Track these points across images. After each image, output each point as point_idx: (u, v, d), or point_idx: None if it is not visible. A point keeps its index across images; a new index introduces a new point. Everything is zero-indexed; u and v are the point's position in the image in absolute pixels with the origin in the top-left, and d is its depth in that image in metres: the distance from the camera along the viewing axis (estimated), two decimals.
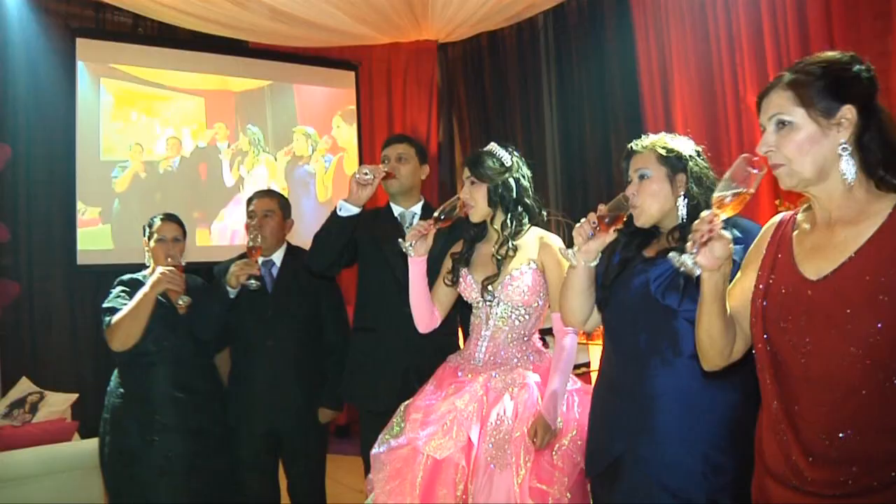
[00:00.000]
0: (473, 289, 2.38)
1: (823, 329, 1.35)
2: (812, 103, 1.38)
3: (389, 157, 2.90)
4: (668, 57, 4.73)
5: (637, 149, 1.95)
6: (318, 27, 5.39)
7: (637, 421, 1.83)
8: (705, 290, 1.47)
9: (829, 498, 1.33)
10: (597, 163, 5.21)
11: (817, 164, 1.38)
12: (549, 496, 2.06)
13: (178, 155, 5.41)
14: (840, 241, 1.38)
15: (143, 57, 5.34)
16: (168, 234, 2.91)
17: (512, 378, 2.26)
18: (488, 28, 5.89)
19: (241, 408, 2.96)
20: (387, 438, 2.33)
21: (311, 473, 3.07)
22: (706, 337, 1.52)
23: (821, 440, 1.34)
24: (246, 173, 5.68)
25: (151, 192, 5.28)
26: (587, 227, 1.83)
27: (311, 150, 5.99)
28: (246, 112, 5.73)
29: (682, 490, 1.77)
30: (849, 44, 3.79)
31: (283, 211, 3.09)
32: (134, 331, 2.72)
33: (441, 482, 2.14)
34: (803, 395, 1.38)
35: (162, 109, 5.39)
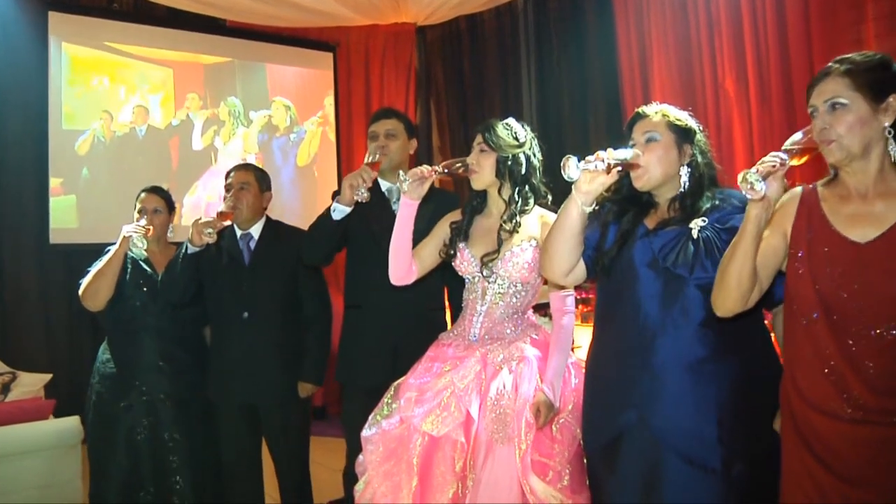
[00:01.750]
0: (471, 263, 2.33)
1: (881, 284, 1.58)
2: (866, 89, 1.61)
3: (378, 133, 2.88)
4: (648, 42, 4.78)
5: (647, 112, 1.95)
6: (297, 7, 5.34)
7: (648, 390, 1.84)
8: (749, 227, 1.62)
9: (882, 426, 1.56)
10: (575, 147, 5.19)
11: (864, 141, 1.61)
12: (550, 469, 2.06)
13: (146, 123, 5.32)
14: (879, 213, 1.63)
15: (118, 33, 5.25)
16: (148, 206, 2.95)
17: (510, 352, 2.22)
18: (467, 11, 5.89)
19: (218, 380, 2.95)
20: (378, 419, 2.29)
21: (294, 450, 3.04)
22: (735, 276, 1.66)
23: (880, 375, 1.57)
24: (222, 145, 5.61)
25: (118, 163, 5.19)
26: (596, 160, 1.78)
27: (289, 122, 5.94)
28: (215, 84, 5.65)
29: (697, 456, 1.79)
30: (825, 32, 3.88)
31: (259, 183, 3.05)
32: (102, 288, 2.83)
33: (439, 460, 2.11)
34: (861, 338, 1.60)
35: (127, 76, 5.28)
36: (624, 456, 1.89)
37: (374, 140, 2.88)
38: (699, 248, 1.81)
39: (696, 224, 1.84)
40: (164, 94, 5.42)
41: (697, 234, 1.83)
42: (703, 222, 1.84)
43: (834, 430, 1.62)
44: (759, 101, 4.18)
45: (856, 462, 1.59)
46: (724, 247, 1.78)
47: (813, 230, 1.69)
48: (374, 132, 2.90)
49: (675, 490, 1.80)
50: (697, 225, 1.84)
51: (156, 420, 2.88)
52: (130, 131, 5.27)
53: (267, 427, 3.02)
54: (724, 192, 1.93)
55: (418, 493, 2.10)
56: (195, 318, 3.04)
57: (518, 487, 2.04)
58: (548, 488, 2.03)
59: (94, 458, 2.94)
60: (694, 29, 4.52)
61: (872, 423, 1.57)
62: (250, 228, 3.04)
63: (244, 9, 5.37)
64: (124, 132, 5.25)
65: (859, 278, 1.60)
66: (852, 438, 1.59)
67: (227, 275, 2.96)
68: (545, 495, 2.02)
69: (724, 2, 4.33)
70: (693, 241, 1.83)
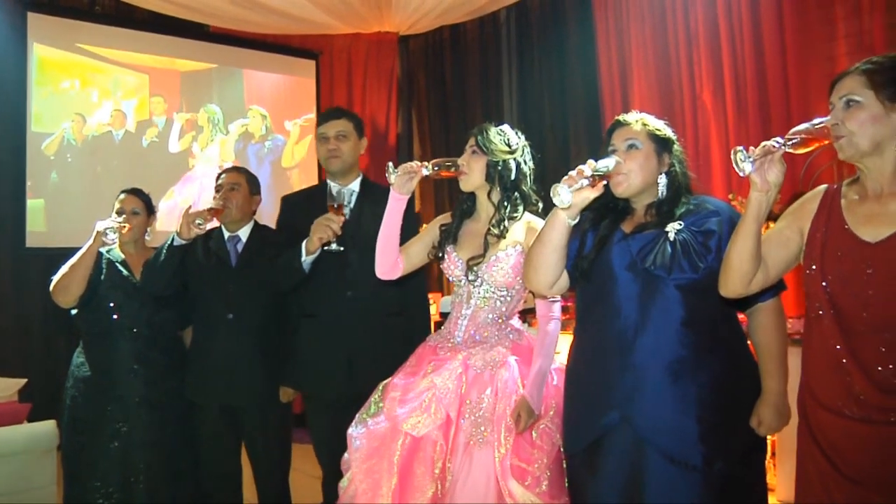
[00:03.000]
0: (458, 266, 2.35)
1: (888, 284, 1.59)
2: (881, 88, 1.62)
3: (328, 135, 2.84)
4: (628, 53, 4.86)
5: (628, 121, 1.99)
6: (281, 14, 5.36)
7: (630, 389, 1.87)
8: (750, 209, 1.64)
9: (886, 424, 1.58)
10: (556, 157, 5.27)
11: (875, 140, 1.62)
12: (529, 474, 2.07)
13: (123, 128, 5.28)
14: (892, 212, 1.64)
15: (98, 36, 5.22)
16: (127, 207, 2.96)
17: (491, 356, 2.23)
18: (450, 21, 5.93)
19: (198, 380, 2.94)
20: (364, 418, 2.30)
21: (273, 454, 3.01)
22: (737, 256, 1.69)
23: (885, 374, 1.59)
24: (199, 151, 5.58)
25: (90, 167, 5.13)
26: (580, 177, 1.80)
27: (265, 130, 5.93)
28: (193, 91, 5.62)
29: (679, 454, 1.82)
30: (799, 48, 3.99)
31: (249, 186, 3.07)
32: (73, 283, 2.81)
33: (419, 460, 2.13)
34: (866, 337, 1.62)
35: (100, 80, 5.23)
36: (606, 456, 1.90)
37: (325, 142, 2.84)
38: (676, 250, 1.85)
39: (673, 227, 1.88)
40: (139, 99, 5.38)
41: (674, 237, 1.87)
42: (680, 226, 1.88)
43: (840, 427, 1.65)
44: (735, 113, 4.27)
45: (860, 461, 1.62)
46: (701, 248, 1.83)
47: (829, 228, 1.72)
48: (323, 134, 2.86)
49: (657, 489, 1.82)
50: (674, 228, 1.88)
51: (131, 424, 2.85)
52: (105, 135, 5.22)
53: (247, 430, 3.00)
54: (698, 199, 1.98)
55: (397, 492, 2.11)
56: (172, 320, 3.03)
57: (495, 491, 2.05)
58: (526, 493, 2.04)
59: (69, 463, 2.91)
60: (673, 42, 4.61)
61: (876, 422, 1.59)
62: (238, 231, 3.04)
63: (228, 15, 5.37)
64: (98, 136, 5.19)
65: (866, 277, 1.62)
66: (857, 437, 1.62)
67: (213, 276, 2.96)
68: (523, 500, 2.03)
69: (703, 16, 4.43)
70: (670, 244, 1.86)
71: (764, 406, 1.91)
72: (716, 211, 1.90)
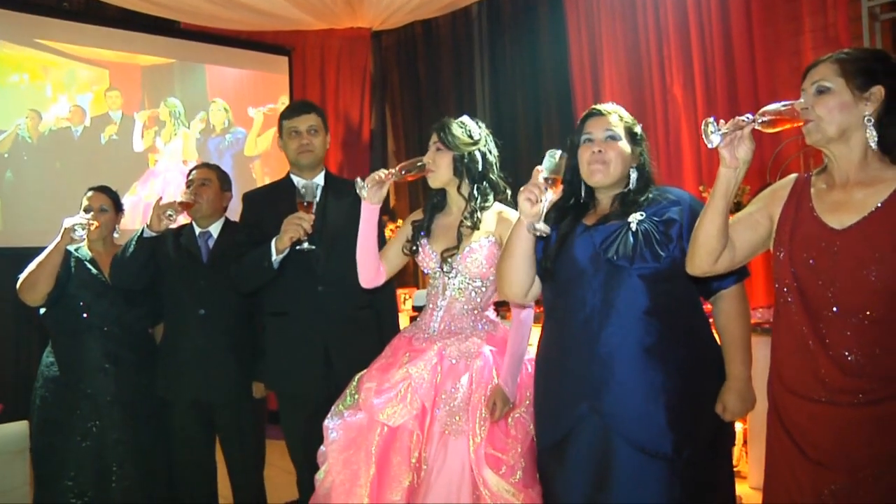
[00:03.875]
0: (432, 258, 2.38)
1: (853, 269, 1.62)
2: (851, 76, 1.65)
3: (299, 128, 2.81)
4: (599, 48, 4.90)
5: (605, 111, 2.01)
6: (252, 10, 5.32)
7: (598, 380, 1.89)
8: (718, 185, 1.67)
9: (847, 406, 1.62)
10: (528, 150, 5.29)
11: (842, 126, 1.65)
12: (504, 463, 2.09)
13: (82, 124, 5.14)
14: (859, 200, 1.66)
15: (68, 33, 5.11)
16: (94, 204, 2.94)
17: (466, 347, 2.26)
18: (423, 17, 5.92)
19: (169, 376, 2.93)
20: (340, 409, 2.32)
21: (247, 449, 3.01)
22: (704, 233, 1.72)
23: (848, 357, 1.62)
24: (162, 146, 5.49)
25: (49, 163, 4.98)
26: (537, 190, 1.83)
27: (227, 123, 5.85)
28: (154, 86, 5.51)
29: (649, 443, 1.84)
30: (766, 42, 4.05)
31: (220, 182, 3.08)
32: (40, 280, 2.78)
33: (396, 450, 2.15)
34: (831, 321, 1.65)
35: (53, 74, 5.07)
36: (574, 447, 1.93)
37: (297, 136, 2.80)
38: (638, 240, 1.88)
39: (635, 218, 1.92)
40: (96, 94, 5.23)
41: (636, 227, 1.90)
42: (641, 216, 1.92)
43: (806, 410, 1.69)
44: (705, 105, 4.33)
45: (824, 443, 1.65)
46: (662, 237, 1.87)
47: (798, 215, 1.75)
48: (294, 128, 2.81)
49: (626, 478, 1.85)
50: (636, 219, 1.91)
51: (102, 423, 2.84)
52: (64, 131, 5.06)
53: (220, 426, 3.00)
54: (659, 189, 2.01)
55: (375, 482, 2.13)
56: (142, 318, 3.02)
57: (470, 480, 2.07)
58: (501, 481, 2.06)
59: (39, 464, 2.89)
60: (643, 36, 4.65)
61: (838, 404, 1.63)
62: (209, 227, 3.04)
63: (200, 12, 5.32)
64: (56, 131, 5.03)
65: (832, 264, 1.65)
66: (821, 419, 1.66)
67: (184, 271, 2.96)
68: (498, 489, 2.05)
69: (673, 11, 4.48)
70: (632, 234, 1.89)
71: (728, 392, 1.94)
72: (677, 200, 1.94)
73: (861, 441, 1.60)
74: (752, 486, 3.56)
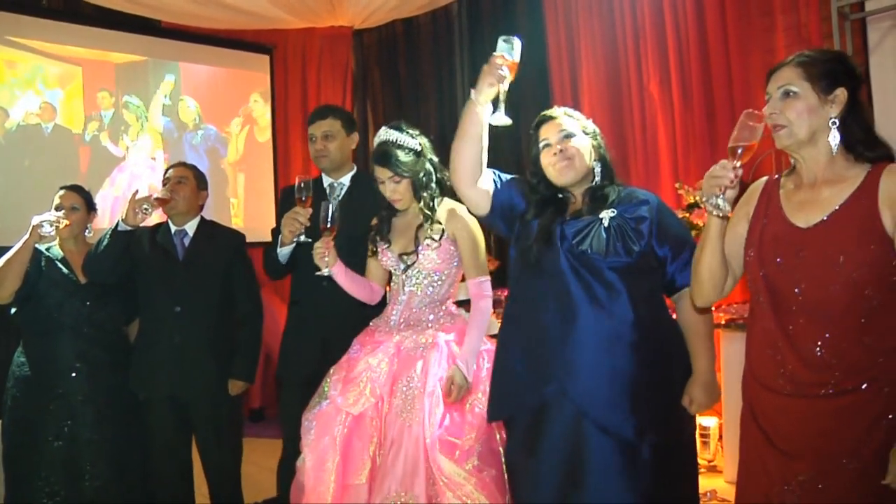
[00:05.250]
0: (391, 258, 2.50)
1: (817, 266, 1.66)
2: (816, 80, 1.68)
3: (316, 135, 2.91)
4: (577, 46, 4.93)
5: (554, 115, 2.10)
6: (233, 9, 5.30)
7: (567, 361, 1.95)
8: (713, 229, 1.76)
9: (814, 398, 1.66)
10: (508, 145, 5.31)
11: (812, 129, 1.69)
12: (458, 449, 2.18)
13: (52, 121, 5.07)
14: (825, 198, 1.70)
15: (44, 31, 5.07)
16: (66, 203, 2.94)
17: (424, 338, 2.38)
18: (403, 15, 5.94)
19: (144, 373, 2.94)
20: (317, 401, 2.43)
21: (224, 447, 3.03)
22: (707, 271, 1.79)
23: (813, 351, 1.66)
24: (130, 143, 5.44)
25: (17, 162, 4.88)
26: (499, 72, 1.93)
27: (197, 120, 5.81)
28: (126, 83, 5.46)
29: (613, 425, 1.90)
30: (742, 38, 4.09)
31: (196, 181, 3.09)
32: (7, 278, 2.78)
33: (358, 436, 2.27)
34: (798, 317, 1.69)
35: (19, 70, 4.98)
36: (546, 435, 1.97)
37: (313, 143, 2.92)
38: (611, 234, 1.95)
39: (606, 214, 1.98)
40: (67, 91, 5.17)
41: (608, 223, 1.96)
42: (613, 213, 1.98)
43: (775, 403, 1.73)
44: (681, 102, 4.37)
45: (792, 434, 1.70)
46: (634, 233, 1.94)
47: (768, 216, 1.79)
48: (312, 134, 2.93)
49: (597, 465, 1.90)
50: (608, 215, 1.98)
51: (74, 423, 2.84)
52: (33, 128, 4.98)
53: (197, 422, 3.01)
54: (626, 189, 2.08)
55: (340, 466, 2.24)
56: (114, 317, 3.02)
57: (425, 464, 2.15)
58: (454, 466, 2.15)
59: (10, 464, 2.88)
60: (620, 35, 4.69)
61: (805, 397, 1.67)
62: (185, 225, 3.06)
63: (181, 11, 5.30)
64: (25, 127, 4.94)
65: (799, 262, 1.69)
66: (790, 411, 1.70)
67: (160, 269, 2.98)
68: (451, 473, 2.13)
69: (649, 10, 4.51)
70: (605, 229, 1.96)
71: (694, 385, 2.00)
72: (645, 200, 2.02)
73: (826, 432, 1.65)
74: (727, 481, 3.61)
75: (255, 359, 3.10)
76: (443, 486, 2.11)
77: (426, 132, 2.56)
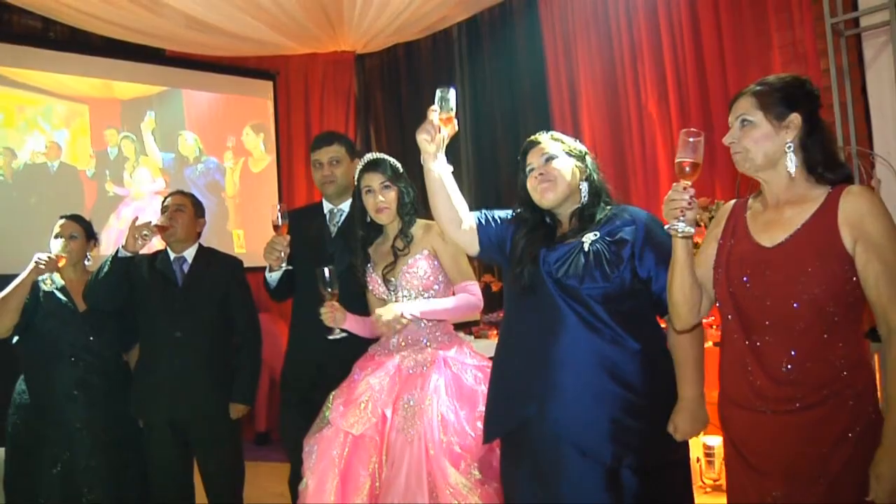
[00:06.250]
0: (378, 283, 2.54)
1: (782, 284, 1.71)
2: (769, 108, 1.76)
3: (322, 161, 2.93)
4: (575, 67, 4.98)
5: (539, 140, 2.11)
6: (235, 36, 5.39)
7: (548, 382, 1.94)
8: (680, 251, 1.79)
9: (783, 413, 1.70)
10: (508, 166, 5.34)
11: (767, 155, 1.76)
12: (462, 460, 2.19)
13: (58, 160, 5.19)
14: (787, 218, 1.76)
15: (52, 62, 5.18)
16: (65, 231, 2.99)
17: (423, 357, 2.41)
18: (405, 39, 6.02)
19: (145, 397, 2.97)
20: (318, 426, 2.45)
21: (225, 470, 3.05)
22: (680, 293, 1.83)
23: (780, 367, 1.71)
24: (134, 178, 5.55)
25: (25, 198, 5.01)
26: (432, 128, 1.94)
27: (198, 152, 5.90)
28: (132, 119, 5.58)
29: (590, 449, 1.89)
30: (738, 57, 4.12)
31: (195, 209, 3.15)
32: (5, 315, 2.83)
33: (358, 457, 2.29)
34: (765, 334, 1.74)
35: (28, 112, 5.10)
36: (525, 450, 1.99)
37: (319, 169, 2.93)
38: (589, 260, 1.94)
39: (588, 238, 1.97)
40: (72, 130, 5.28)
41: (588, 247, 1.95)
42: (595, 236, 1.97)
43: (746, 420, 1.77)
44: (679, 121, 4.39)
45: (764, 452, 1.73)
46: (613, 257, 1.92)
47: (735, 237, 1.85)
48: (318, 160, 2.95)
49: (572, 484, 1.89)
50: (589, 239, 1.97)
51: (72, 450, 2.87)
52: (39, 166, 5.10)
53: (197, 447, 3.03)
54: (618, 207, 2.07)
55: (340, 487, 2.25)
56: (112, 343, 3.05)
57: (427, 482, 2.16)
58: (460, 476, 2.17)
59: (10, 490, 2.91)
60: (618, 55, 4.73)
61: (774, 413, 1.71)
62: (184, 252, 3.10)
63: (184, 39, 5.40)
64: (31, 166, 5.07)
65: (763, 279, 1.74)
66: (759, 427, 1.74)
67: (160, 295, 3.01)
68: (456, 483, 2.15)
69: (646, 29, 4.55)
70: (584, 254, 1.95)
71: (678, 413, 1.96)
72: (631, 220, 1.99)
73: (796, 448, 1.68)
74: None
75: (254, 382, 3.12)
76: (448, 495, 2.12)
77: None
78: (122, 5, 4.69)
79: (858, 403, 1.66)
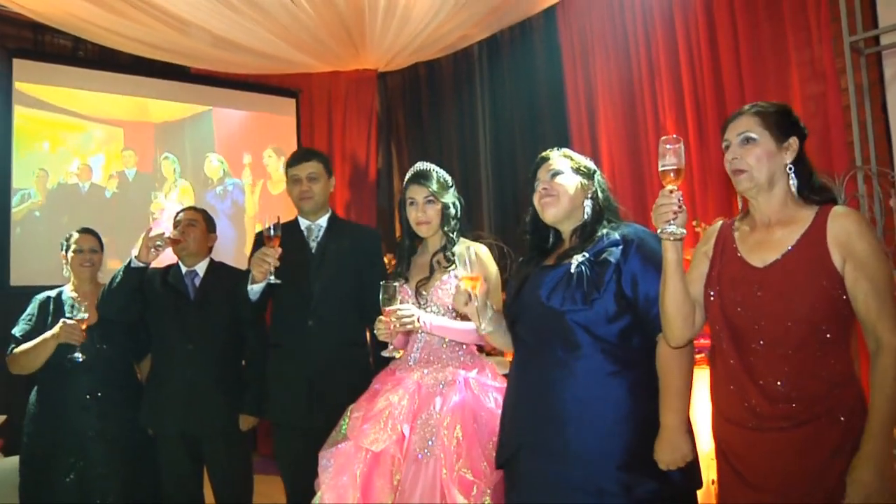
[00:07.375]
0: (410, 295, 2.49)
1: (775, 303, 1.74)
2: (773, 128, 1.81)
3: (300, 176, 2.93)
4: (594, 85, 4.98)
5: (549, 156, 2.12)
6: (260, 54, 5.49)
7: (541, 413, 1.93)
8: (671, 259, 1.77)
9: (777, 430, 1.71)
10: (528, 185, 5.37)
11: (770, 173, 1.80)
12: (475, 485, 2.15)
13: (89, 181, 5.33)
14: (777, 239, 1.79)
15: (83, 80, 5.35)
16: (85, 246, 3.08)
17: (444, 375, 2.39)
18: (426, 58, 6.07)
19: (157, 409, 3.00)
20: (334, 440, 2.43)
21: (236, 482, 3.07)
22: (673, 304, 1.80)
23: (773, 385, 1.73)
24: (164, 199, 5.67)
25: (57, 218, 5.16)
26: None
27: (222, 174, 6.00)
28: (165, 142, 5.71)
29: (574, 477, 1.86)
30: (756, 75, 4.09)
31: (206, 223, 3.20)
32: (31, 365, 2.92)
33: (378, 474, 2.26)
34: (758, 352, 1.76)
35: (69, 138, 5.28)
36: (521, 478, 1.98)
37: (297, 184, 2.94)
38: (571, 283, 1.92)
39: (576, 259, 1.96)
40: (107, 152, 5.43)
41: (574, 270, 1.94)
42: (583, 257, 1.95)
43: (740, 437, 1.78)
44: (697, 139, 4.36)
45: (759, 468, 1.75)
46: (596, 278, 1.89)
47: (724, 258, 1.87)
48: (296, 176, 2.95)
49: None
50: (576, 260, 1.95)
51: (86, 459, 2.92)
52: (71, 187, 5.26)
53: (208, 458, 3.06)
54: (616, 225, 2.03)
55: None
56: (124, 353, 3.11)
57: (441, 500, 2.14)
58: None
59: (26, 500, 2.96)
60: (636, 73, 4.72)
61: (768, 430, 1.73)
62: (195, 266, 3.15)
63: (209, 57, 5.52)
64: (65, 185, 5.22)
65: (755, 299, 1.76)
66: (754, 444, 1.75)
67: (172, 308, 3.06)
68: None
69: (664, 46, 4.54)
70: (570, 276, 1.94)
71: (658, 442, 1.88)
72: (618, 240, 1.94)
73: (790, 464, 1.70)
74: None
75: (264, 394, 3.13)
76: None
77: (449, 173, 2.60)
78: (149, 24, 4.80)
79: (850, 419, 1.68)
